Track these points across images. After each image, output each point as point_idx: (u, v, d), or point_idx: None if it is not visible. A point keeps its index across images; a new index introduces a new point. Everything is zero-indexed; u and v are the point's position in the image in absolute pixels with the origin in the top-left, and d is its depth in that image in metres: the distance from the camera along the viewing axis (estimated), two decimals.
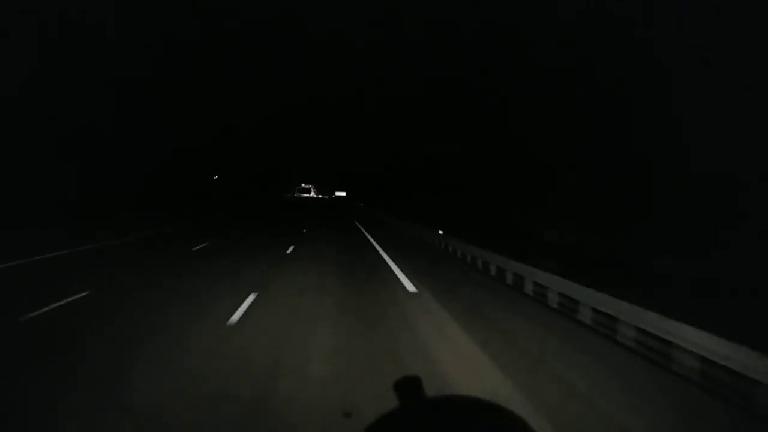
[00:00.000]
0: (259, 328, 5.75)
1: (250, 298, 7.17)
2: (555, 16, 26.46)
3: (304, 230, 21.02)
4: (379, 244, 16.04)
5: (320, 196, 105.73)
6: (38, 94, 22.98)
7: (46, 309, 6.22)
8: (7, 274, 8.80)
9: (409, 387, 2.63)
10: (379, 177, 65.71)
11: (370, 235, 19.62)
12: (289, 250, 13.59)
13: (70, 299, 6.77)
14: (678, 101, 18.08)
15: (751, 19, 15.68)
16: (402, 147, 53.43)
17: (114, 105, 29.01)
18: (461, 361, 4.87)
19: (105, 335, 5.34)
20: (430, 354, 5.04)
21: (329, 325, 6.06)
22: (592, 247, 17.71)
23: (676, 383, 4.51)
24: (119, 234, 15.32)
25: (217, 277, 9.14)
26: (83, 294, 7.10)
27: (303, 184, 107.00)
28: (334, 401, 3.69)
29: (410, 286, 8.84)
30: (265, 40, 56.31)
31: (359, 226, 25.39)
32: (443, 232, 16.62)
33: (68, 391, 3.78)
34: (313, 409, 3.56)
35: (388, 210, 38.08)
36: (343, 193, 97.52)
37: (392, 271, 10.67)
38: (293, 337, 5.46)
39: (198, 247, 13.55)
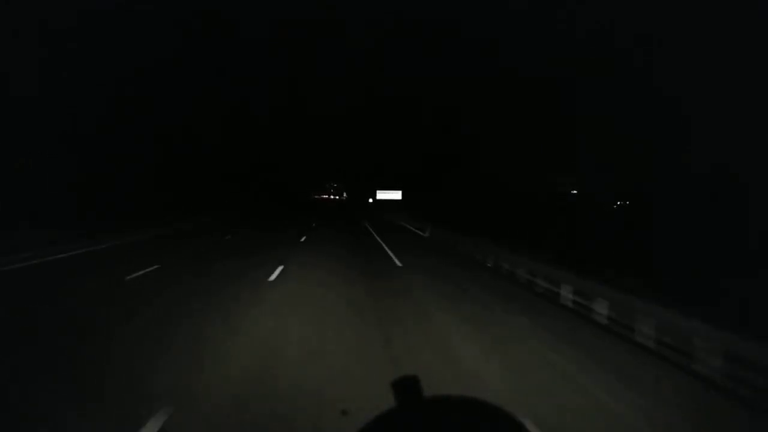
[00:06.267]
0: None
1: None
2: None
3: None
4: None
5: (336, 197, 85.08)
6: (38, 94, 23.03)
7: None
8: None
9: (406, 386, 2.89)
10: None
11: None
12: None
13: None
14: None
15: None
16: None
17: (118, 104, 29.07)
18: None
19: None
20: None
21: None
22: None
23: None
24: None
25: None
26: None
27: (326, 185, 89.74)
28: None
29: None
30: (275, 39, 56.73)
31: None
32: None
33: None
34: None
35: None
36: (398, 195, 59.81)
37: None
38: None
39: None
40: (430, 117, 51.49)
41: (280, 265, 10.20)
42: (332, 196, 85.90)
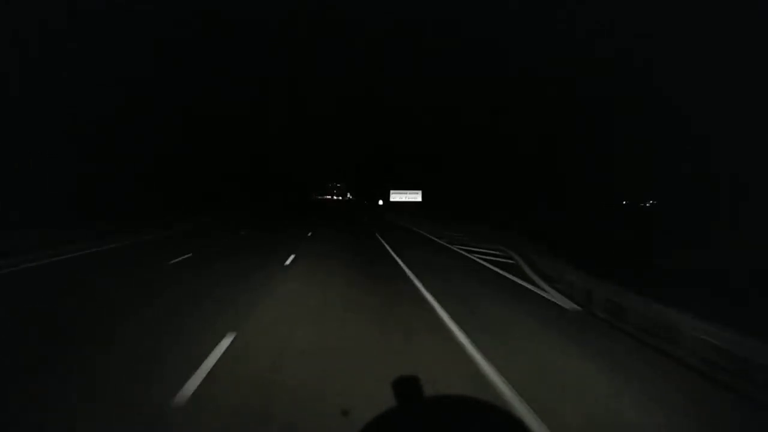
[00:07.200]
0: None
1: None
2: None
3: None
4: None
5: (339, 198, 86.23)
6: (37, 93, 23.11)
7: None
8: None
9: (406, 386, 2.88)
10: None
11: None
12: None
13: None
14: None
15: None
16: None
17: (119, 103, 29.02)
18: None
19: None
20: None
21: None
22: None
23: None
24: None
25: None
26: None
27: (328, 185, 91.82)
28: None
29: None
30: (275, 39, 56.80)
31: None
32: None
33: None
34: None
35: None
36: (418, 196, 48.84)
37: None
38: None
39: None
40: (430, 117, 51.54)
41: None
42: (334, 197, 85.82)
